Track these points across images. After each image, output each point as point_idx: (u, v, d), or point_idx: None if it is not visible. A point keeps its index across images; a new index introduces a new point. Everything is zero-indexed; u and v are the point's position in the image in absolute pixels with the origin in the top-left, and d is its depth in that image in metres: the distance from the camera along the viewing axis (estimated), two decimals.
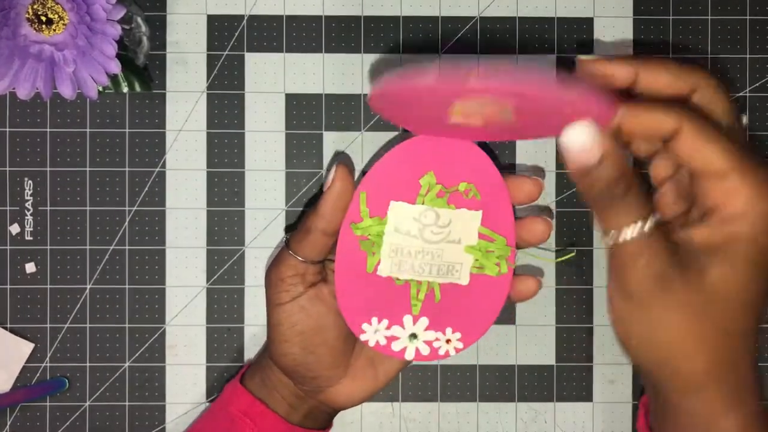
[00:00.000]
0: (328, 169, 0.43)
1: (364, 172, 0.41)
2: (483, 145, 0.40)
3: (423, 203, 0.40)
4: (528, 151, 0.48)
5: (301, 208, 0.48)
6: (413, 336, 0.41)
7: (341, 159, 0.47)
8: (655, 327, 0.34)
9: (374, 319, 0.41)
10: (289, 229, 0.48)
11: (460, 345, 0.41)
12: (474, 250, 0.40)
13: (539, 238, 0.41)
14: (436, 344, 0.41)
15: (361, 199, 0.40)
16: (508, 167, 0.48)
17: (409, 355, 0.41)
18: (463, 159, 0.39)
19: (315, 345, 0.41)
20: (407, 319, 0.41)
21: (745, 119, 0.34)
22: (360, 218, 0.40)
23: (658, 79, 0.35)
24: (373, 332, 0.41)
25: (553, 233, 0.48)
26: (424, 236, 0.40)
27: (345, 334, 0.42)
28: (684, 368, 0.34)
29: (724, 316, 0.33)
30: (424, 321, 0.41)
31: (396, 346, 0.41)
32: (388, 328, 0.41)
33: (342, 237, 0.40)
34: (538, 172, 0.48)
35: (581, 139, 0.33)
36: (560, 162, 0.48)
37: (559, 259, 0.47)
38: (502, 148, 0.48)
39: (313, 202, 0.46)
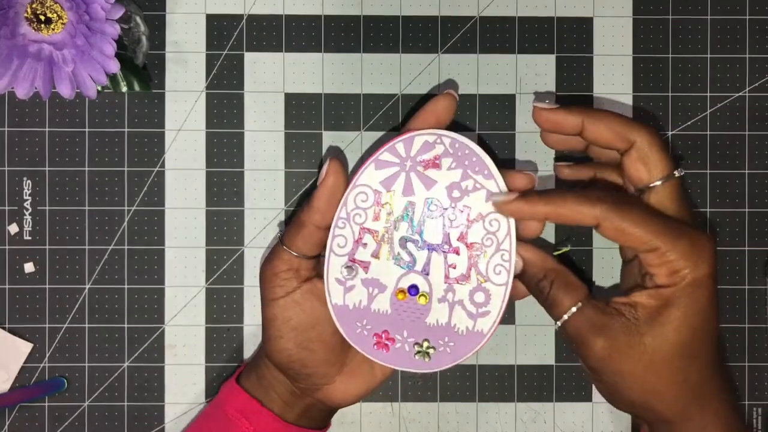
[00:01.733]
0: (322, 164, 0.43)
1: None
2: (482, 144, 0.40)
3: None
4: (527, 151, 0.48)
5: (295, 208, 0.48)
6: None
7: (333, 154, 0.47)
8: (624, 384, 0.38)
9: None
10: (285, 224, 0.48)
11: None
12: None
13: (533, 232, 0.41)
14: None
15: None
16: (506, 162, 0.48)
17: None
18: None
19: (310, 340, 0.41)
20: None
21: (678, 172, 0.39)
22: None
23: (600, 133, 0.39)
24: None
25: (552, 232, 0.48)
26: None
27: (337, 347, 0.42)
28: (663, 410, 0.38)
29: (677, 366, 0.37)
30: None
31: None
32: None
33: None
34: (532, 167, 0.48)
35: None
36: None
37: (556, 253, 0.47)
38: (501, 147, 0.48)
39: (308, 197, 0.46)
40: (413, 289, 0.40)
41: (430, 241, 0.40)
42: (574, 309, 0.38)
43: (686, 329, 0.37)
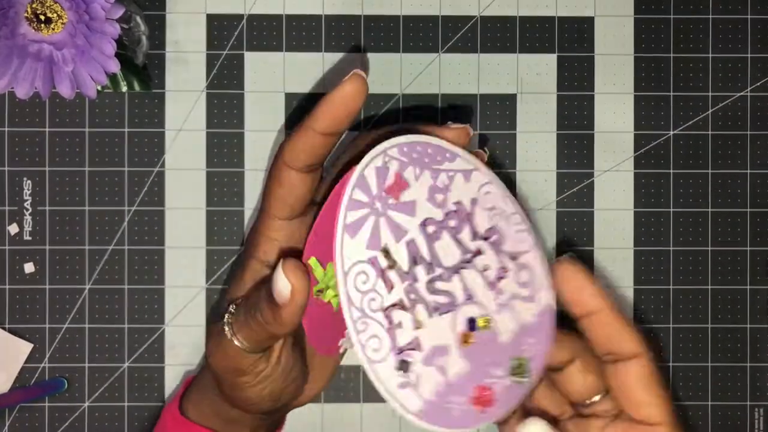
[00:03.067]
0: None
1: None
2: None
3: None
4: (528, 151, 0.48)
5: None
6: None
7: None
8: None
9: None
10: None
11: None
12: None
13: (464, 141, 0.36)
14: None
15: (313, 266, 0.35)
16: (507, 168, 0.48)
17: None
18: None
19: (285, 391, 0.39)
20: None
21: None
22: (317, 282, 0.36)
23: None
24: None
25: (554, 233, 0.48)
26: None
27: (306, 362, 0.40)
28: None
29: None
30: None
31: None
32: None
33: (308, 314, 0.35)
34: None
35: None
36: (561, 162, 0.48)
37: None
38: (502, 147, 0.48)
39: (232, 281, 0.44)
40: (471, 324, 0.34)
41: (452, 264, 0.34)
42: None
43: None
